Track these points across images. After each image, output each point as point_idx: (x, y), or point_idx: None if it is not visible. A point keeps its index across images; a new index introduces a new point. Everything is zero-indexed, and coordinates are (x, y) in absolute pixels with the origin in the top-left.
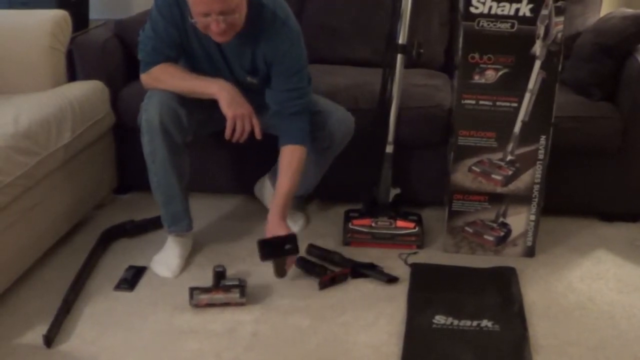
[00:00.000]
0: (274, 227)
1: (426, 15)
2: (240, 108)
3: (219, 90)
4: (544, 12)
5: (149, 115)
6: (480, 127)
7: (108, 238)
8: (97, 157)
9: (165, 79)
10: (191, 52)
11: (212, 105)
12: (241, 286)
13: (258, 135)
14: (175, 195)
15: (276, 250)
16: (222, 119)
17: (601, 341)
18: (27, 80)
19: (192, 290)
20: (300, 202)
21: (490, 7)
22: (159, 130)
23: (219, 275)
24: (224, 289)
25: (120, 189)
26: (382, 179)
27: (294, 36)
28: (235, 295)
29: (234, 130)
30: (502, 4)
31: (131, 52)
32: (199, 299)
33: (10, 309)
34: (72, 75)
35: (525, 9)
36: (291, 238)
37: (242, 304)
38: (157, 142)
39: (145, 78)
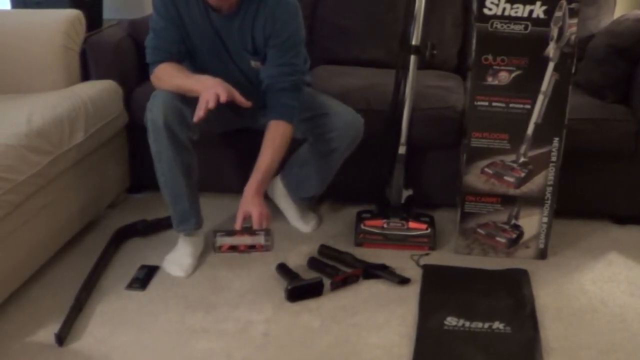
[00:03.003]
0: (247, 203)
1: (439, 16)
2: (212, 88)
3: (200, 85)
4: (558, 14)
5: (154, 115)
6: (493, 129)
7: (120, 237)
8: (110, 156)
9: (165, 78)
10: (193, 47)
11: (222, 104)
12: (267, 230)
13: (222, 98)
14: (183, 194)
15: (302, 294)
16: (229, 118)
17: (613, 344)
18: (40, 80)
19: (216, 232)
20: (312, 202)
21: (504, 9)
22: (164, 129)
23: (246, 229)
24: (249, 232)
25: (133, 188)
26: (395, 180)
27: (291, 10)
28: (260, 238)
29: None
30: (515, 5)
31: (144, 52)
32: (223, 241)
33: (22, 307)
34: (86, 74)
35: (538, 11)
36: (318, 283)
37: (267, 250)
38: (162, 142)
39: (152, 79)
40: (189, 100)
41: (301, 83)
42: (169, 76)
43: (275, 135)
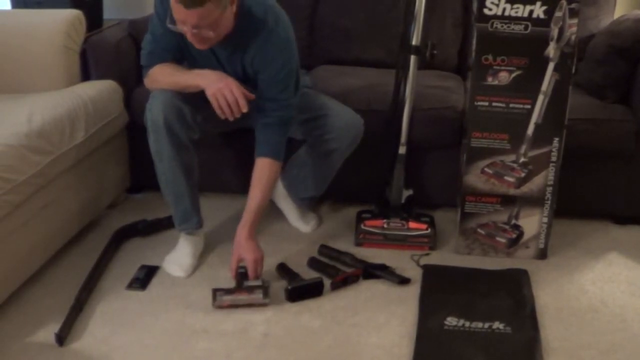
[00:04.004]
0: (240, 247)
1: (439, 16)
2: (218, 83)
3: (202, 79)
4: (558, 14)
5: (154, 115)
6: (493, 129)
7: (120, 237)
8: (110, 156)
9: (160, 78)
10: (191, 57)
11: None
12: (264, 287)
13: (243, 106)
14: (184, 193)
15: (303, 294)
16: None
17: (613, 344)
18: (41, 80)
19: (215, 291)
20: (313, 203)
21: (504, 9)
22: (164, 129)
23: (242, 276)
24: (247, 290)
25: (133, 188)
26: (395, 180)
27: (282, 43)
28: (258, 296)
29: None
30: (515, 5)
31: None
32: (222, 300)
33: (22, 307)
34: (86, 74)
35: (539, 11)
36: (318, 283)
37: (265, 305)
38: (163, 141)
39: (146, 81)
40: (189, 99)
41: (289, 118)
42: (164, 75)
43: (262, 175)
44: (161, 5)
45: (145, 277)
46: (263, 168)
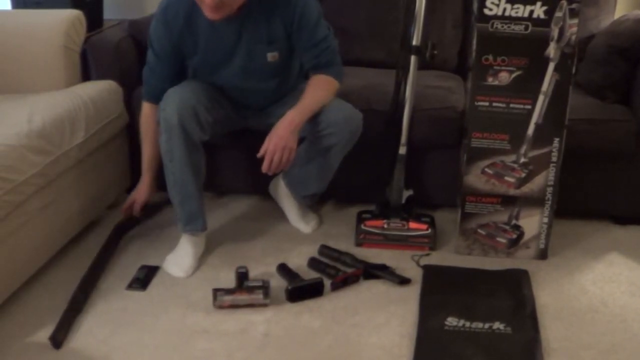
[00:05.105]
0: (272, 133)
1: (440, 17)
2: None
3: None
4: (558, 14)
5: (167, 114)
6: (494, 129)
7: (120, 233)
8: (111, 156)
9: (142, 129)
10: (198, 61)
11: (228, 105)
12: (265, 287)
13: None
14: (192, 194)
15: (303, 294)
16: (231, 119)
17: (613, 344)
18: (41, 80)
19: (216, 291)
20: (314, 201)
21: (504, 9)
22: (178, 128)
23: (242, 276)
24: (247, 290)
25: (133, 188)
26: (395, 181)
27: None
28: (258, 297)
29: None
30: (516, 5)
31: (145, 52)
32: (223, 300)
33: (22, 307)
34: (86, 75)
35: (539, 11)
36: (318, 283)
37: (265, 305)
38: (175, 141)
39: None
40: (202, 100)
41: (335, 48)
42: (143, 131)
43: (319, 80)
44: (155, 36)
45: (145, 277)
46: (320, 78)
